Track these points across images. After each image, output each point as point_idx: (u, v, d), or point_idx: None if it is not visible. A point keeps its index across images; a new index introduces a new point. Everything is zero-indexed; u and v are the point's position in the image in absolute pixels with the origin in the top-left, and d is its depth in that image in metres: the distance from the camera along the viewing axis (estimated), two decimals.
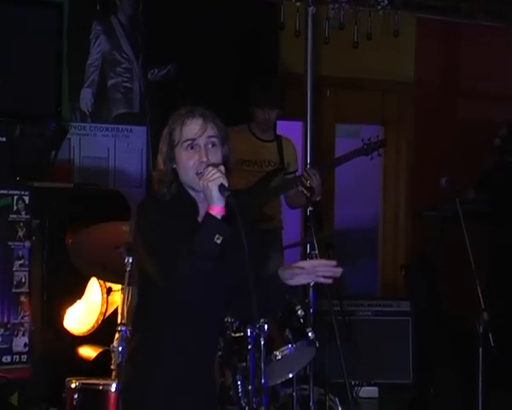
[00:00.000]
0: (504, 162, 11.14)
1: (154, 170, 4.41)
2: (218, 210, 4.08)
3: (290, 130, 8.22)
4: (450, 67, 11.94)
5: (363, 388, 8.49)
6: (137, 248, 4.37)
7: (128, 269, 5.70)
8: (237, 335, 5.86)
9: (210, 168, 4.05)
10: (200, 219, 4.23)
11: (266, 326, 5.68)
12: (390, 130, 10.75)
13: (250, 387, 5.76)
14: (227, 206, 4.06)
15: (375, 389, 8.78)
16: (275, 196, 7.45)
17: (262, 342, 5.75)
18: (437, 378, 8.84)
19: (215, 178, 4.02)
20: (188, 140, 4.19)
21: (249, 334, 5.71)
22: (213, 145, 4.23)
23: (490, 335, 6.47)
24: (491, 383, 6.66)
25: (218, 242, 4.04)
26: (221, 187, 3.98)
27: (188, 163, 4.21)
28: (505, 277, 10.18)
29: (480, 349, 6.49)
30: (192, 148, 4.20)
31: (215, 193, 4.02)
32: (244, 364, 5.78)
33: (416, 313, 9.19)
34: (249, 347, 5.71)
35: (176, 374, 4.35)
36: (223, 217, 4.07)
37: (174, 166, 4.24)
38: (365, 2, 8.29)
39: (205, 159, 4.17)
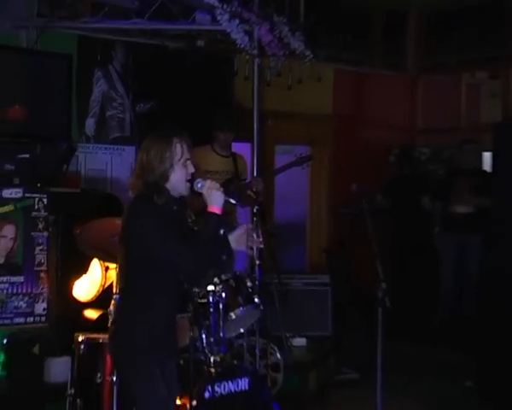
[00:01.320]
0: (400, 174, 11.18)
1: (143, 180, 4.30)
2: (219, 211, 4.28)
3: (242, 148, 8.27)
4: (358, 103, 11.91)
5: (294, 338, 8.42)
6: (139, 238, 4.29)
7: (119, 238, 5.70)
8: (202, 301, 5.75)
9: (210, 181, 4.36)
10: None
11: (224, 294, 5.70)
12: (315, 149, 10.74)
13: (212, 339, 5.70)
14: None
15: (304, 339, 8.74)
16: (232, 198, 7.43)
17: (221, 307, 5.74)
18: (348, 331, 8.92)
19: (218, 190, 4.29)
20: (186, 158, 4.27)
21: (211, 300, 5.66)
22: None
23: (386, 299, 6.47)
24: (387, 333, 6.66)
25: (221, 233, 4.37)
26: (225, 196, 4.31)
27: (184, 176, 4.28)
28: (399, 257, 10.52)
29: (380, 309, 6.48)
30: (185, 163, 4.28)
31: (219, 199, 4.28)
32: (207, 322, 5.67)
33: (333, 284, 9.17)
34: (211, 310, 5.64)
35: (161, 329, 4.40)
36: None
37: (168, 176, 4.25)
38: (296, 56, 8.20)
39: (193, 170, 4.33)
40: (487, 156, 9.90)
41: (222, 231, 4.31)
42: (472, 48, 11.85)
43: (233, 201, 4.56)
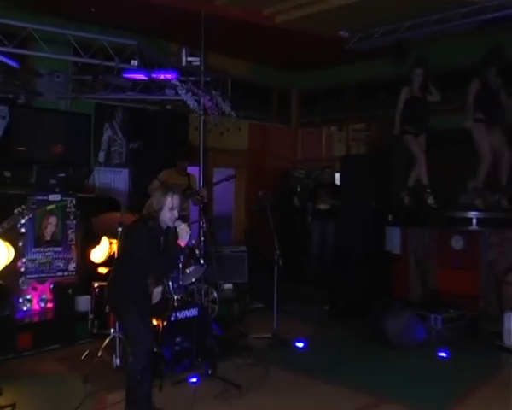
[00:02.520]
0: (289, 187, 11.34)
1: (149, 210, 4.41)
2: (184, 244, 4.36)
3: (193, 170, 8.05)
4: (263, 143, 11.83)
5: (225, 284, 8.49)
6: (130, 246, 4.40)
7: (119, 231, 5.63)
8: None
9: (182, 224, 4.35)
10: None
11: (182, 258, 5.75)
12: (237, 170, 10.50)
13: (175, 285, 5.79)
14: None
15: (231, 284, 8.74)
16: (187, 200, 7.45)
17: (180, 265, 5.85)
18: (257, 279, 8.81)
19: (187, 232, 4.33)
20: (172, 207, 4.33)
21: None
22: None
23: (280, 260, 6.70)
24: (281, 279, 6.88)
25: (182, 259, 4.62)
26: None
27: (170, 217, 4.34)
28: (287, 235, 10.35)
29: (276, 267, 6.73)
30: (172, 209, 4.33)
31: (186, 237, 4.33)
32: (173, 275, 5.75)
33: (248, 251, 9.14)
34: None
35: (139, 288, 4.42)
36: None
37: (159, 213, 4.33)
38: (226, 115, 8.27)
39: (176, 216, 4.35)
40: (337, 175, 10.07)
41: (182, 257, 4.43)
42: (328, 113, 12.07)
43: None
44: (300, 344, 6.52)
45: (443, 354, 6.22)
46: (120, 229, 5.67)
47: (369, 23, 8.86)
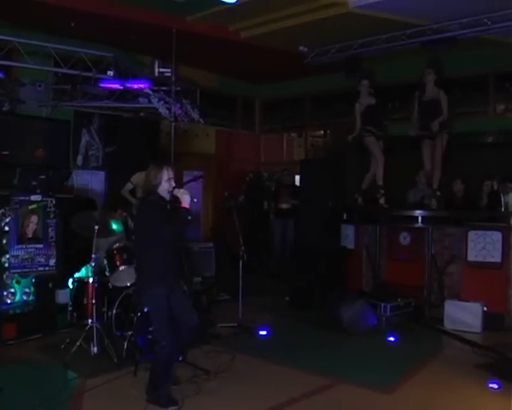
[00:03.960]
0: (252, 187, 11.35)
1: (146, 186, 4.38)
2: (187, 205, 4.25)
3: None
4: (229, 148, 11.86)
5: (195, 278, 8.38)
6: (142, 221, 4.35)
7: (96, 228, 5.60)
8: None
9: (180, 189, 4.30)
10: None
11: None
12: (206, 173, 10.64)
13: None
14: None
15: (200, 278, 8.40)
16: None
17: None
18: (224, 272, 8.79)
19: (187, 194, 4.26)
20: (169, 178, 4.29)
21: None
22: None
23: (244, 255, 6.73)
24: (245, 272, 6.92)
25: (189, 218, 4.23)
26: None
27: (168, 187, 4.30)
28: (252, 233, 10.27)
29: (241, 261, 6.75)
30: (169, 179, 4.27)
31: (187, 199, 4.26)
32: None
33: (215, 247, 8.98)
34: None
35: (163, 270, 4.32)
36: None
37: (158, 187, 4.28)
38: (195, 122, 8.25)
39: (174, 185, 4.31)
40: (297, 177, 10.15)
41: (189, 217, 4.26)
42: (289, 121, 12.18)
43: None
44: (263, 332, 6.51)
45: (391, 339, 6.31)
46: (97, 227, 5.61)
47: (326, 40, 9.02)
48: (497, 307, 6.76)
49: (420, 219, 7.58)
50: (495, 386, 4.81)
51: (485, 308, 6.67)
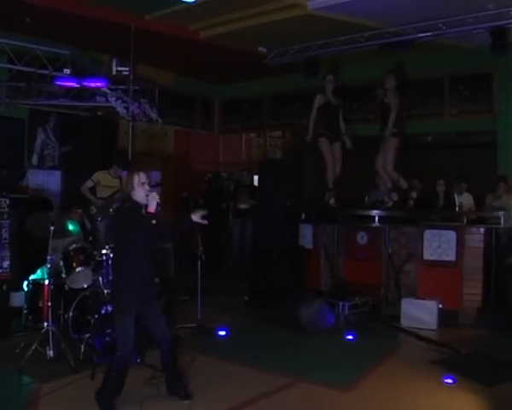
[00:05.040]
0: (212, 187, 11.32)
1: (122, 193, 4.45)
2: (153, 211, 4.20)
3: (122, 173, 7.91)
4: (188, 148, 11.83)
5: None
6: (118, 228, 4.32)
7: (52, 229, 5.49)
8: (99, 259, 5.63)
9: (152, 193, 4.23)
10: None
11: (111, 255, 5.50)
12: (164, 173, 10.51)
13: (105, 280, 5.55)
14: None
15: (158, 278, 8.39)
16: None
17: (110, 262, 5.61)
18: (182, 274, 8.59)
19: (154, 198, 4.19)
20: (141, 182, 4.23)
21: (105, 258, 5.57)
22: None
23: (203, 256, 6.69)
24: (205, 272, 6.87)
25: (154, 222, 4.16)
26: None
27: (143, 192, 4.24)
28: (211, 232, 10.29)
29: (199, 262, 6.71)
30: (142, 184, 4.22)
31: (154, 205, 4.19)
32: (102, 271, 5.57)
33: (174, 247, 8.43)
34: (105, 264, 5.55)
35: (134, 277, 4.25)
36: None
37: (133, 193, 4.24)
38: (153, 121, 8.20)
39: (148, 189, 4.26)
40: (256, 177, 10.19)
41: (154, 221, 4.19)
42: (248, 121, 12.21)
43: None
44: (223, 332, 6.49)
45: (350, 337, 6.38)
46: (53, 228, 5.50)
47: (285, 41, 9.10)
48: (452, 305, 6.92)
49: (377, 218, 7.71)
50: (450, 381, 4.93)
51: (440, 306, 6.82)
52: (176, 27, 8.72)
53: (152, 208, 4.24)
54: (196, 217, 4.39)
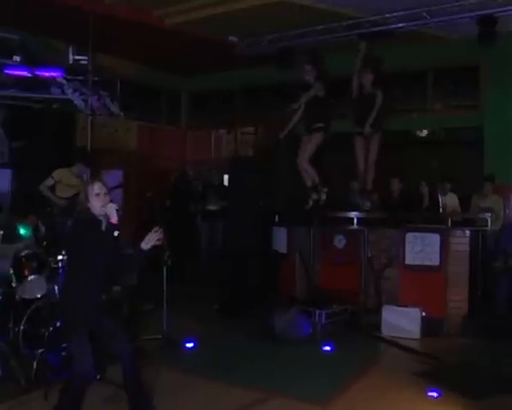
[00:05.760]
0: (178, 187, 11.21)
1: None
2: (115, 221, 4.08)
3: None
4: (153, 145, 11.75)
5: (115, 287, 8.15)
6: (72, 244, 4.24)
7: (1, 234, 5.35)
8: (54, 266, 5.55)
9: (109, 204, 4.08)
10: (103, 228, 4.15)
11: None
12: (127, 172, 10.45)
13: None
14: None
15: (119, 286, 8.34)
16: None
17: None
18: (146, 281, 8.59)
19: (114, 206, 4.06)
20: (97, 193, 4.08)
21: (60, 266, 5.47)
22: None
23: (169, 261, 6.59)
24: (171, 280, 6.78)
25: (116, 234, 4.06)
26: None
27: (100, 203, 4.09)
28: (177, 235, 10.23)
29: (165, 267, 6.61)
30: (98, 195, 4.09)
31: (115, 213, 4.05)
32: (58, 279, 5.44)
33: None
34: (60, 271, 5.46)
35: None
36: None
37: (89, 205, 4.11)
38: (114, 116, 8.11)
39: (107, 200, 4.12)
40: (226, 177, 10.18)
41: (116, 233, 4.06)
42: (217, 116, 12.21)
43: None
44: (190, 344, 6.41)
45: (327, 348, 6.35)
46: (2, 232, 5.35)
47: (257, 30, 9.09)
48: (436, 312, 6.96)
49: (355, 220, 7.73)
50: (434, 394, 4.92)
51: (423, 313, 6.85)
52: (139, 13, 8.64)
53: (114, 218, 4.13)
54: (148, 243, 4.19)
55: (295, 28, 8.84)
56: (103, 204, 4.11)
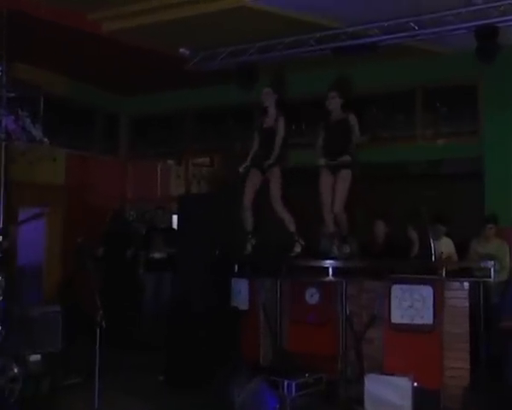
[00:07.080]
0: (112, 231, 11.02)
1: None
2: None
3: None
4: (85, 178, 11.70)
5: (32, 356, 7.81)
6: None
7: None
8: None
9: None
10: None
11: None
12: (52, 210, 10.52)
13: None
14: None
15: (39, 356, 7.76)
16: None
17: None
18: (74, 347, 8.43)
19: None
20: None
21: None
22: None
23: (103, 322, 6.38)
24: (105, 345, 6.59)
25: None
26: None
27: None
28: (114, 290, 10.01)
29: (99, 329, 6.36)
30: None
31: None
32: None
33: (64, 311, 8.22)
34: None
35: None
36: None
37: None
38: (37, 142, 7.93)
39: None
40: (175, 218, 10.10)
41: None
42: (165, 144, 12.22)
43: None
44: None
45: None
46: None
47: (214, 42, 9.23)
48: (430, 382, 6.85)
49: (330, 270, 7.68)
50: None
51: (415, 384, 6.74)
52: (70, 15, 8.63)
53: None
54: None
55: (259, 40, 8.93)
56: None
